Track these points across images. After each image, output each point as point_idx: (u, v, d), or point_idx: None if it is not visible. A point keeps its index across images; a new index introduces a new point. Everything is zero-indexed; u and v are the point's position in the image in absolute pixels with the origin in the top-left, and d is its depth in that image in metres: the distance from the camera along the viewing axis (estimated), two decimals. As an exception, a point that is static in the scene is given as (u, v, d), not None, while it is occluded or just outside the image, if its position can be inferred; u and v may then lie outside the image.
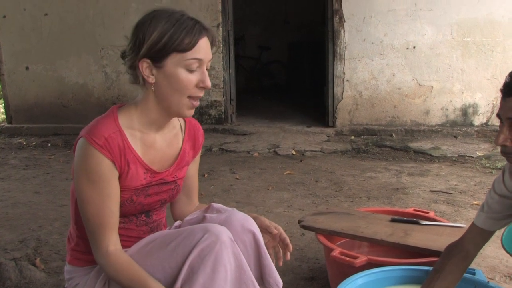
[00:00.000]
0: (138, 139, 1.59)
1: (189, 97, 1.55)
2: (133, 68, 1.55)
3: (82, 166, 1.51)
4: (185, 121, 1.77)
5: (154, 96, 1.56)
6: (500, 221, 1.74)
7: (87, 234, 1.56)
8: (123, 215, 1.61)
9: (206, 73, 1.55)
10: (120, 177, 1.55)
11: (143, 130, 1.60)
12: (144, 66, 1.52)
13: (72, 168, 1.63)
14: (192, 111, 1.60)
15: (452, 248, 1.80)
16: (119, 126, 1.55)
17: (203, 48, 1.52)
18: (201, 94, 1.57)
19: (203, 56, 1.53)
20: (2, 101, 7.66)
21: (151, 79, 1.53)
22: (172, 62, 1.50)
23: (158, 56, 1.50)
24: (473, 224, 1.79)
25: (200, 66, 1.54)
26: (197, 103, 1.58)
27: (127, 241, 1.64)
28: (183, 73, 1.51)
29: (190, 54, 1.50)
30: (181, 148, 1.72)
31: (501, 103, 1.52)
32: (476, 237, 1.77)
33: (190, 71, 1.52)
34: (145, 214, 1.68)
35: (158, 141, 1.64)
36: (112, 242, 1.53)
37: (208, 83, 1.55)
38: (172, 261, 1.47)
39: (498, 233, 1.84)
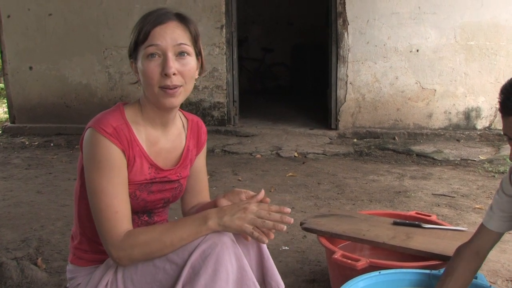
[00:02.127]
0: (143, 134, 1.61)
1: (160, 87, 1.54)
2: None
3: (92, 155, 1.51)
4: (187, 119, 1.78)
5: (143, 91, 1.61)
6: (509, 223, 1.73)
7: (99, 228, 1.51)
8: None
9: (170, 59, 1.51)
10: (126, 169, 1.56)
11: (148, 127, 1.62)
12: (133, 65, 1.60)
13: (78, 165, 1.62)
14: (171, 100, 1.55)
15: (463, 249, 1.80)
16: (126, 119, 1.57)
17: (161, 34, 1.51)
18: (168, 82, 1.52)
19: (161, 41, 1.51)
20: (5, 101, 7.67)
21: (137, 76, 1.60)
22: (139, 56, 1.54)
23: (133, 54, 1.58)
24: (482, 225, 1.78)
25: (164, 54, 1.52)
26: (171, 91, 1.53)
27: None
28: (145, 63, 1.53)
29: (147, 43, 1.52)
30: (184, 146, 1.73)
31: (503, 122, 1.53)
32: (485, 238, 1.77)
33: (151, 59, 1.51)
34: (147, 214, 1.68)
35: (162, 139, 1.66)
36: (129, 226, 1.52)
37: (168, 70, 1.50)
38: (174, 261, 1.47)
39: (503, 238, 1.83)
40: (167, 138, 1.67)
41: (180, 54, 1.53)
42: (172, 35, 1.52)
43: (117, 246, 1.48)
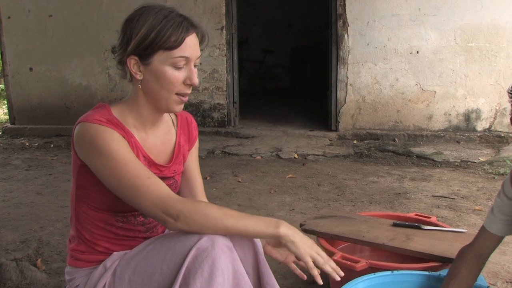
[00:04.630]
0: (133, 130, 1.60)
1: (177, 93, 1.55)
2: (122, 64, 1.56)
3: (95, 143, 1.46)
4: (176, 115, 1.78)
5: (143, 92, 1.57)
6: (511, 226, 1.72)
7: (147, 196, 1.44)
8: (122, 211, 1.61)
9: (194, 70, 1.55)
10: None
11: (137, 126, 1.61)
12: (132, 63, 1.53)
13: (72, 167, 1.60)
14: (181, 106, 1.60)
15: (465, 252, 1.79)
16: (114, 116, 1.56)
17: (190, 46, 1.52)
18: (188, 91, 1.57)
19: (190, 54, 1.52)
20: (5, 102, 7.68)
21: (139, 76, 1.54)
22: (159, 59, 1.50)
23: (145, 54, 1.50)
24: (483, 228, 1.78)
25: (187, 64, 1.54)
26: (185, 99, 1.58)
27: (125, 239, 1.65)
28: (169, 71, 1.51)
29: (176, 52, 1.50)
30: (175, 142, 1.72)
31: None
32: (487, 241, 1.76)
33: (177, 68, 1.52)
34: (143, 214, 1.66)
35: (151, 137, 1.65)
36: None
37: (195, 80, 1.55)
38: (170, 262, 1.46)
39: (504, 240, 1.82)
40: (155, 136, 1.66)
41: (195, 65, 1.57)
42: (196, 47, 1.55)
43: (177, 199, 1.45)
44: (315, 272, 1.47)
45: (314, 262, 1.49)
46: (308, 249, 1.48)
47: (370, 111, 6.16)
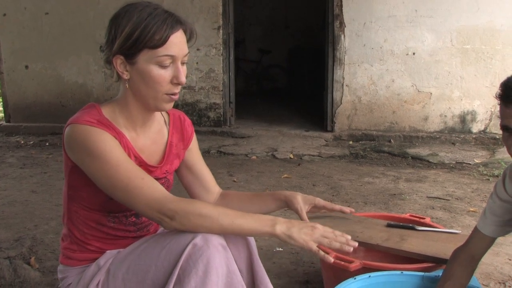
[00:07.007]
0: (124, 131, 1.58)
1: (166, 93, 1.52)
2: (109, 63, 1.53)
3: (86, 145, 1.45)
4: (168, 114, 1.75)
5: (131, 91, 1.54)
6: (503, 228, 1.73)
7: (141, 197, 1.44)
8: (113, 211, 1.60)
9: (181, 69, 1.51)
10: None
11: (127, 126, 1.59)
12: (118, 63, 1.50)
13: (64, 168, 1.59)
14: (171, 104, 1.57)
15: (459, 253, 1.80)
16: (104, 116, 1.54)
17: (176, 44, 1.48)
18: (177, 90, 1.53)
19: (176, 52, 1.49)
20: (1, 100, 7.66)
21: (126, 75, 1.51)
22: (144, 58, 1.47)
23: (130, 53, 1.47)
24: (476, 229, 1.79)
25: (174, 62, 1.50)
26: (175, 97, 1.55)
27: (116, 239, 1.65)
28: (155, 70, 1.48)
29: (161, 51, 1.46)
30: (167, 142, 1.71)
31: (504, 113, 1.48)
32: (480, 243, 1.77)
33: (163, 67, 1.48)
34: (135, 215, 1.66)
35: (142, 138, 1.63)
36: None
37: (182, 79, 1.51)
38: (165, 261, 1.46)
39: (497, 241, 1.83)
40: (146, 136, 1.65)
41: (183, 63, 1.54)
42: (182, 45, 1.51)
43: (171, 199, 1.44)
44: (321, 254, 1.46)
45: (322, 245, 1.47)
46: (308, 237, 1.45)
47: (366, 112, 6.17)
